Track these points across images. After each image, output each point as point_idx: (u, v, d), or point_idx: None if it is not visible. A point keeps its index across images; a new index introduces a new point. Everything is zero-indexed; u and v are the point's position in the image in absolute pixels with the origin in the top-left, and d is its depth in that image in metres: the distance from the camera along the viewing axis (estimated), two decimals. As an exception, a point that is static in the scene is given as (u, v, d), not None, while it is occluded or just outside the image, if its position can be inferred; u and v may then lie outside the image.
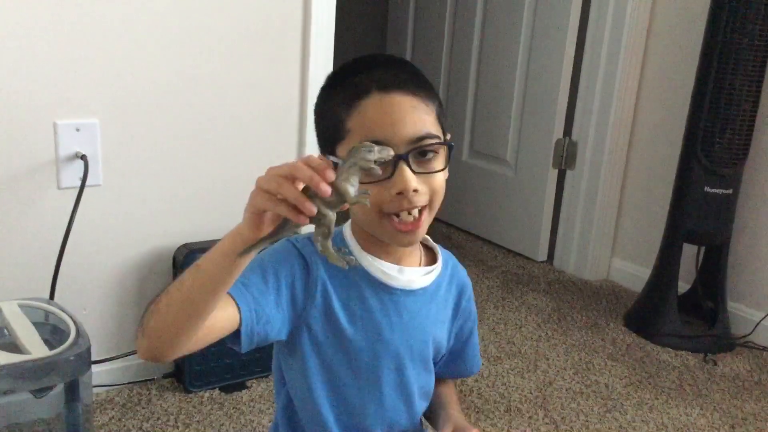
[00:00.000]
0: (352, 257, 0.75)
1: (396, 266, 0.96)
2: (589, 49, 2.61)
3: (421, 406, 1.06)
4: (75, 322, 1.31)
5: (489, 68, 2.96)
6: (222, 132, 1.73)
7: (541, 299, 2.50)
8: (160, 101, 1.63)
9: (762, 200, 2.25)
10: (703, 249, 2.28)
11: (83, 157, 1.54)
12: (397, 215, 0.87)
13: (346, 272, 0.93)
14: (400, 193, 0.85)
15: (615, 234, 2.71)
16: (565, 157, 2.72)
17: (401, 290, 0.97)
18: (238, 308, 0.82)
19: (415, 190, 0.86)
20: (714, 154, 2.11)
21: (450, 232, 3.16)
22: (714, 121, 2.09)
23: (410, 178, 0.85)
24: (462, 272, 1.09)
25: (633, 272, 2.63)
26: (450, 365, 1.12)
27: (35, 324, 1.31)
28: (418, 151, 0.87)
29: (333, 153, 0.90)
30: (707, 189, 2.14)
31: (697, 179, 2.15)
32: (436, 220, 0.95)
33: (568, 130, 2.73)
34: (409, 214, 0.87)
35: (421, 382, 1.03)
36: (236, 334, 0.84)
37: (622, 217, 2.69)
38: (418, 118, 0.87)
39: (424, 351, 1.02)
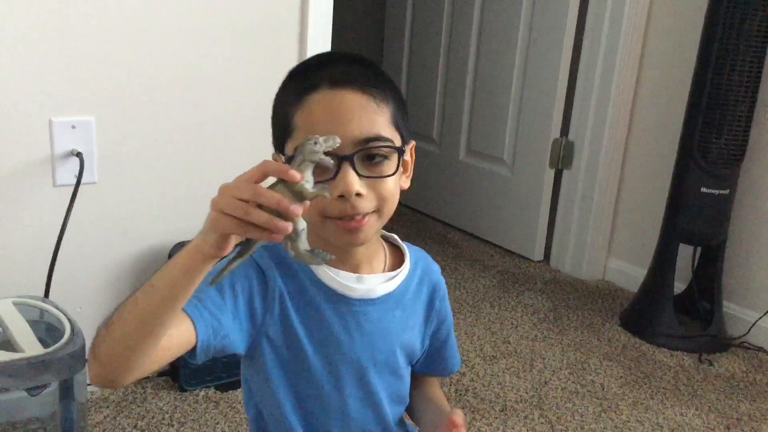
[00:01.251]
0: (326, 254, 0.71)
1: (354, 275, 0.92)
2: (586, 48, 2.61)
3: (394, 411, 1.01)
4: (70, 321, 1.31)
5: (486, 67, 2.96)
6: (218, 130, 1.73)
7: (537, 299, 2.50)
8: (157, 99, 1.63)
9: (758, 201, 2.25)
10: (699, 249, 2.28)
11: (79, 155, 1.54)
12: (341, 218, 0.84)
13: (302, 285, 0.90)
14: (342, 196, 0.81)
15: (611, 234, 2.71)
16: (562, 156, 2.72)
17: (360, 300, 0.92)
18: (194, 324, 0.79)
19: (359, 194, 0.82)
20: (710, 154, 2.11)
21: (446, 231, 3.16)
22: (711, 122, 2.09)
23: (353, 180, 0.81)
24: (434, 271, 1.04)
25: (629, 272, 2.63)
26: (428, 365, 1.07)
27: (30, 322, 1.30)
28: (366, 154, 0.83)
29: (282, 150, 0.87)
30: (704, 189, 2.14)
31: (694, 179, 2.15)
32: (432, 219, 0.93)
33: (565, 130, 2.73)
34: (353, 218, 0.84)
35: (390, 389, 0.99)
36: (192, 349, 0.81)
37: (619, 217, 2.69)
38: (367, 118, 0.83)
39: (391, 359, 0.97)
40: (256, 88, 1.74)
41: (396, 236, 0.99)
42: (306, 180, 0.68)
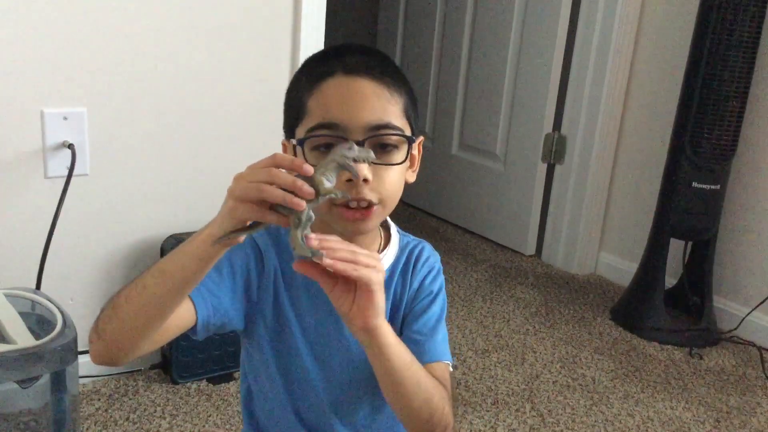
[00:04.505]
0: (319, 252, 0.71)
1: None
2: (579, 43, 2.61)
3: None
4: (61, 312, 1.31)
5: (479, 62, 2.96)
6: (210, 122, 1.72)
7: (529, 293, 2.51)
8: (149, 91, 1.62)
9: (749, 196, 2.26)
10: (690, 244, 2.29)
11: (71, 146, 1.53)
12: (347, 205, 0.83)
13: (291, 268, 0.89)
14: (349, 180, 0.80)
15: (603, 228, 2.72)
16: (554, 151, 2.73)
17: None
18: (194, 304, 0.81)
19: (366, 180, 0.81)
20: (702, 149, 2.12)
21: (438, 225, 3.16)
22: (702, 117, 2.10)
23: (362, 165, 0.79)
24: (423, 253, 0.99)
25: (620, 266, 2.64)
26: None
27: (21, 314, 1.30)
28: (376, 143, 0.83)
29: (293, 135, 0.88)
30: (695, 184, 2.15)
31: (685, 174, 2.16)
32: (424, 213, 0.92)
33: (557, 125, 2.73)
34: (359, 205, 0.83)
35: None
36: (192, 327, 0.83)
37: (610, 211, 2.70)
38: (381, 106, 0.83)
39: None
40: (249, 81, 1.74)
41: (391, 222, 0.98)
42: (327, 179, 0.69)
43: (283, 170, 0.69)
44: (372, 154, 0.72)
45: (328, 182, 0.70)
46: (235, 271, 0.87)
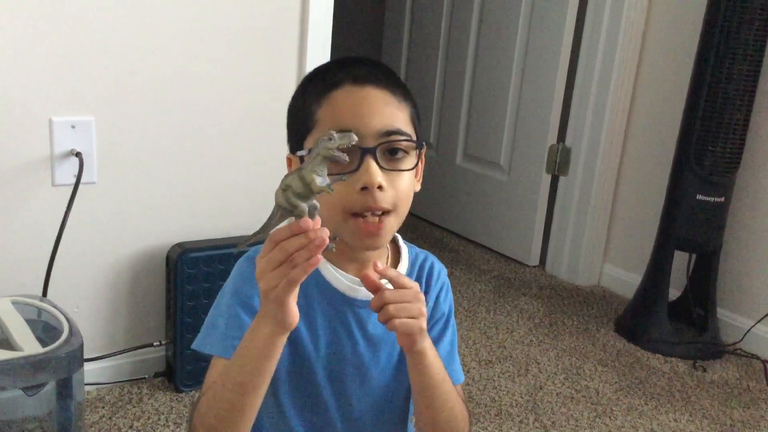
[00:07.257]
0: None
1: (358, 277, 0.90)
2: (584, 55, 2.62)
3: (402, 414, 1.00)
4: (68, 320, 1.31)
5: (484, 72, 2.97)
6: (218, 131, 1.73)
7: (533, 304, 2.51)
8: (157, 99, 1.63)
9: (753, 209, 2.26)
10: (694, 256, 2.29)
11: (78, 155, 1.54)
12: (363, 216, 0.83)
13: (306, 286, 0.88)
14: (364, 188, 0.81)
15: (607, 240, 2.72)
16: (559, 162, 2.74)
17: (363, 301, 0.91)
18: None
19: (380, 187, 0.82)
20: (706, 162, 2.12)
21: (442, 235, 3.17)
22: (707, 129, 2.10)
23: (376, 172, 0.81)
24: (434, 270, 1.02)
25: (624, 278, 2.64)
26: None
27: (28, 321, 1.31)
28: (387, 149, 0.84)
29: (300, 148, 0.88)
30: (699, 197, 2.15)
31: (690, 187, 2.16)
32: (428, 223, 0.92)
33: (561, 136, 2.74)
34: (374, 215, 0.83)
35: (397, 390, 0.97)
36: None
37: (614, 223, 2.70)
38: (390, 112, 0.85)
39: (394, 358, 0.95)
40: (256, 89, 1.75)
41: (399, 236, 0.99)
42: (318, 174, 0.70)
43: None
44: (354, 136, 0.72)
45: (319, 177, 0.70)
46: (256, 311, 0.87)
